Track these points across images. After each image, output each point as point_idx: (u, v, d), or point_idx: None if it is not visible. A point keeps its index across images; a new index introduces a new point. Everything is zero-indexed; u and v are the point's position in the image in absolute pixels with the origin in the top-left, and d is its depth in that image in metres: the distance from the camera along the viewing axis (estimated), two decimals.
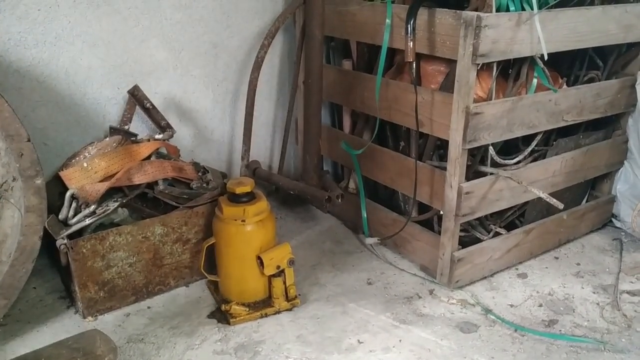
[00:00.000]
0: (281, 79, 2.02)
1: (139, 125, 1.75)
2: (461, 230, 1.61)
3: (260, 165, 2.00)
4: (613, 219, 1.96)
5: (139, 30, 1.68)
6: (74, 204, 1.45)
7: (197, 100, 1.86)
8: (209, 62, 1.84)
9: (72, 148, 1.64)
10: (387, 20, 1.54)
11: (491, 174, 1.55)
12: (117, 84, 1.70)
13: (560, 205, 1.46)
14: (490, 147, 1.54)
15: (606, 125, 1.83)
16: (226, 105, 1.93)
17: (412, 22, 1.42)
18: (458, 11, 1.39)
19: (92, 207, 1.44)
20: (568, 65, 1.72)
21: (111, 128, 1.66)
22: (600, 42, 1.62)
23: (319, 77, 1.75)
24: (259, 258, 1.43)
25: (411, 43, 1.42)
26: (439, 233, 1.60)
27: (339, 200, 1.75)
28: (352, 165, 1.84)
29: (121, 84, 1.70)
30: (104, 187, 1.43)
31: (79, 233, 1.42)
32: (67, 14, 1.57)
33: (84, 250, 1.39)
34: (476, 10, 1.39)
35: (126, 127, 1.69)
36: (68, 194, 1.43)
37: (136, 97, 1.69)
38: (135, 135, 1.67)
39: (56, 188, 1.50)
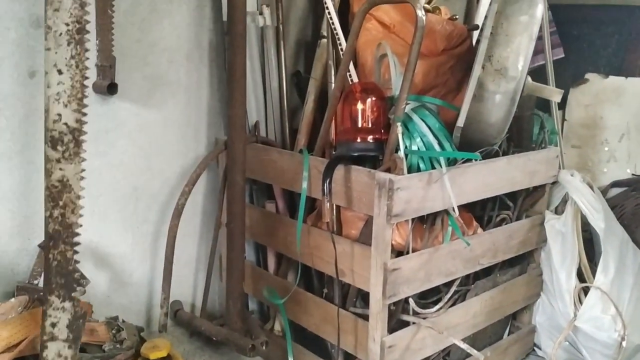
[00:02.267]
0: (204, 216, 2.00)
1: None
2: None
3: (182, 306, 1.94)
4: (535, 349, 2.00)
5: None
6: None
7: (115, 245, 1.80)
8: (128, 206, 1.81)
9: None
10: (305, 173, 1.58)
11: (413, 323, 1.56)
12: (28, 235, 1.62)
13: (481, 357, 1.48)
14: (410, 299, 1.55)
15: (521, 260, 1.90)
16: (146, 246, 1.88)
17: (328, 183, 1.45)
18: (372, 171, 1.44)
19: None
20: (481, 207, 1.79)
21: (18, 286, 1.56)
22: (508, 189, 1.72)
23: (241, 222, 1.75)
24: None
25: (328, 204, 1.44)
26: None
27: (264, 348, 1.70)
28: (278, 307, 1.80)
29: (32, 234, 1.63)
30: None
31: None
32: None
33: None
34: (389, 170, 1.45)
35: (36, 281, 1.60)
36: None
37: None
38: None
39: None
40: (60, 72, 1.14)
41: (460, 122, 1.39)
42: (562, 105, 2.51)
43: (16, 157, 1.57)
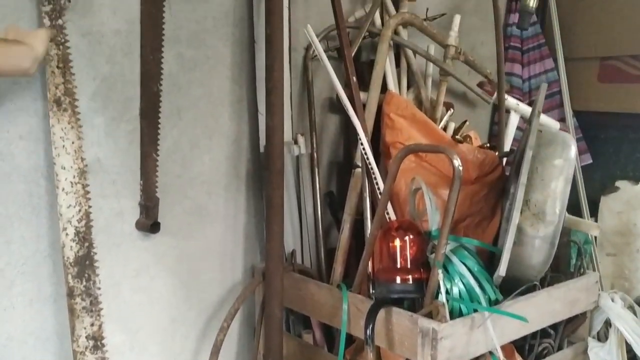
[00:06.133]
0: (240, 344, 1.99)
1: None
2: None
3: None
4: None
5: None
6: None
7: None
8: (166, 338, 1.82)
9: None
10: (344, 316, 1.58)
11: None
12: None
13: None
14: None
15: None
16: None
17: (370, 329, 1.45)
18: (414, 316, 1.44)
19: None
20: (522, 337, 1.76)
21: None
22: (549, 322, 1.70)
23: (279, 355, 1.74)
24: None
25: (371, 354, 1.44)
26: None
27: None
28: None
29: None
30: None
31: None
32: (22, 313, 1.54)
33: None
34: (430, 315, 1.44)
35: None
36: None
37: None
38: None
39: None
40: None
41: (502, 272, 1.40)
42: (594, 212, 2.51)
43: (60, 299, 1.60)
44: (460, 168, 1.40)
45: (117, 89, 1.64)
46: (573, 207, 2.13)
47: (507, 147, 2.11)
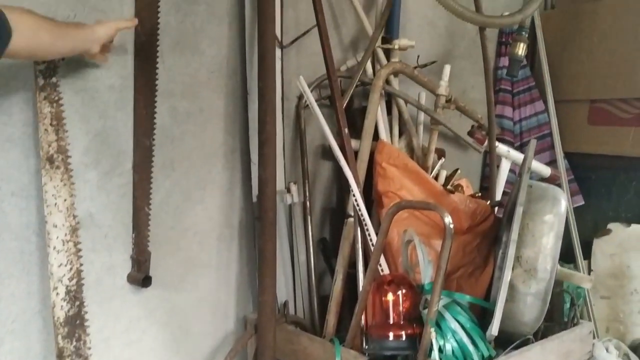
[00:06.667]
0: None
1: None
2: None
3: None
4: None
5: None
6: None
7: None
8: None
9: None
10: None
11: None
12: None
13: None
14: None
15: None
16: None
17: None
18: None
19: None
20: None
21: None
22: None
23: None
24: None
25: None
26: None
27: None
28: None
29: None
30: None
31: None
32: None
33: None
34: None
35: None
36: None
37: None
38: None
39: None
40: None
41: (495, 331, 1.39)
42: (587, 255, 2.51)
43: (51, 356, 1.58)
44: (452, 226, 1.41)
45: (110, 143, 1.65)
46: (566, 249, 2.14)
47: (499, 193, 2.12)
